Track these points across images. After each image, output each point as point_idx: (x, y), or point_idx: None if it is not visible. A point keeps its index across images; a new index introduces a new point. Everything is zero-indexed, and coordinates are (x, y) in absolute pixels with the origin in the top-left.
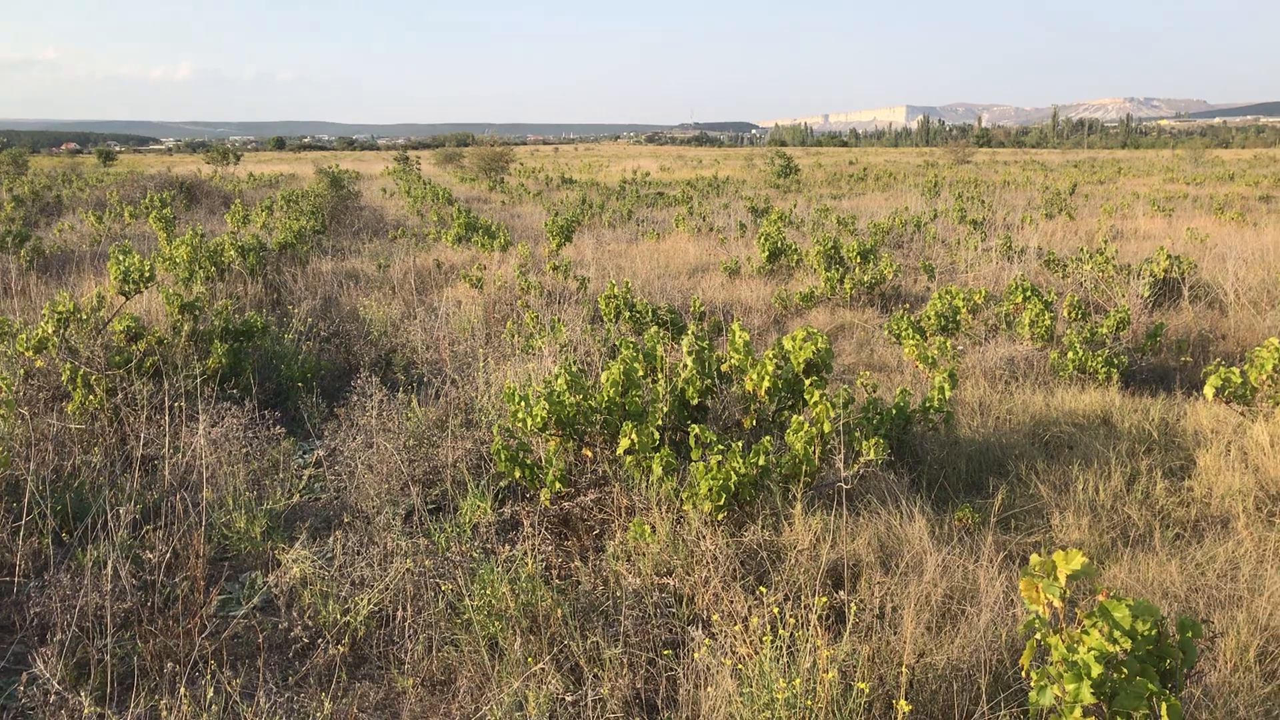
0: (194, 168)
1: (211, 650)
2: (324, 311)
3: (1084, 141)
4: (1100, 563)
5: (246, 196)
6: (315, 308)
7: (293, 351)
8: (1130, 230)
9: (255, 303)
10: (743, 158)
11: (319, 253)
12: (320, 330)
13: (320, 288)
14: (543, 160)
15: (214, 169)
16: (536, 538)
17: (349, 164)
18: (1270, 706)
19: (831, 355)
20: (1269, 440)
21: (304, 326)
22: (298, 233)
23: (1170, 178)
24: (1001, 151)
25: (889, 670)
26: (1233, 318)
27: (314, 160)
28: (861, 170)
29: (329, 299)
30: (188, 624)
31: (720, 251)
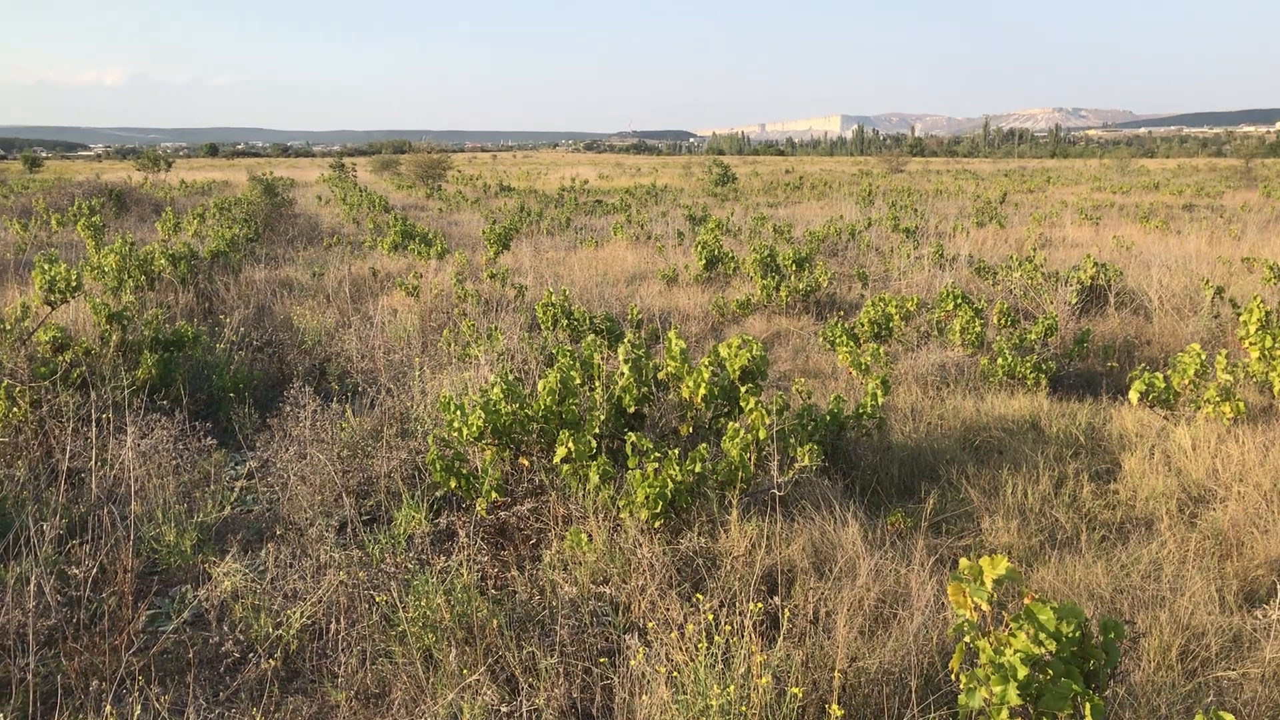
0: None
1: (140, 667)
2: (257, 321)
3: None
4: (1029, 565)
5: (178, 204)
6: (248, 317)
7: (225, 361)
8: (1059, 238)
9: (186, 312)
10: (681, 166)
11: (252, 261)
12: (253, 340)
13: (253, 296)
14: (481, 167)
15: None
16: (472, 548)
17: (284, 171)
18: (1191, 704)
19: (766, 362)
20: (1191, 443)
21: (236, 336)
22: (230, 241)
23: (1098, 186)
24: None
25: (822, 675)
26: (1157, 324)
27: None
28: (798, 179)
29: (262, 308)
30: (115, 640)
31: (658, 259)
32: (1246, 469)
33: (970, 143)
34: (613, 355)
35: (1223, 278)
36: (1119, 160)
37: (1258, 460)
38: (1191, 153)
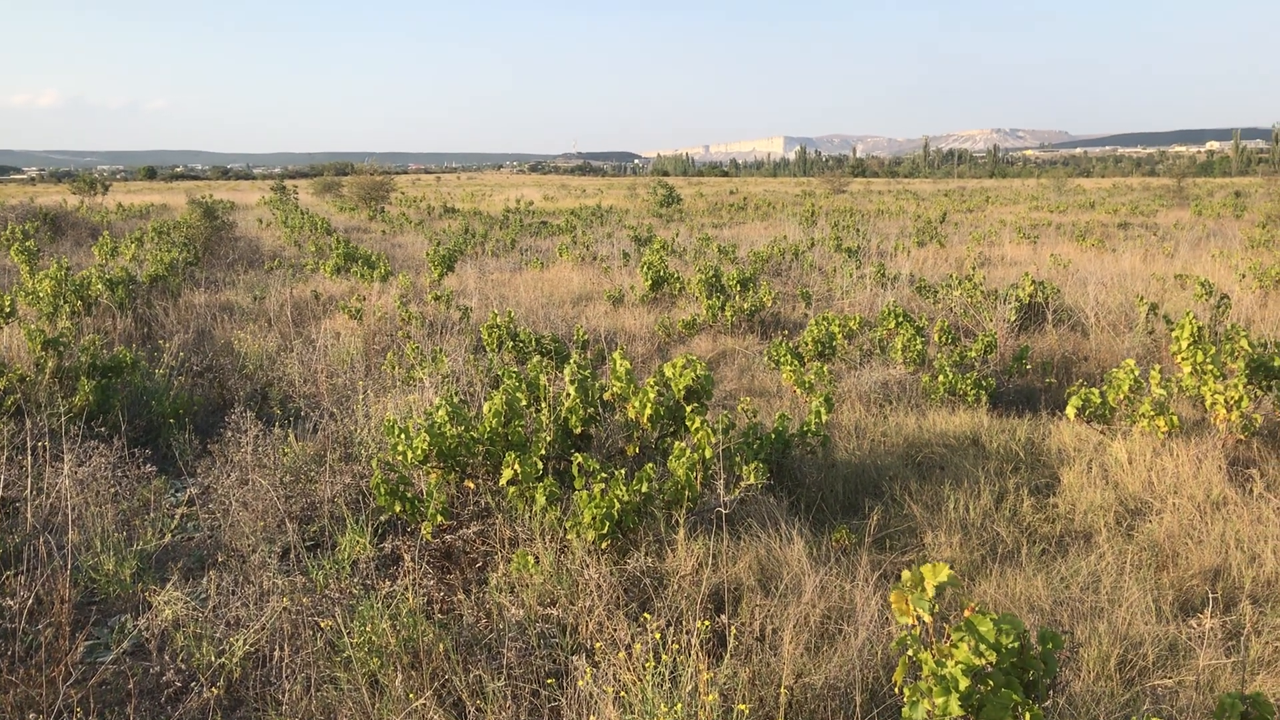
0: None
1: (78, 699)
2: (197, 345)
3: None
4: (971, 579)
5: (115, 228)
6: (188, 342)
7: (164, 387)
8: (998, 257)
9: (125, 337)
10: (626, 187)
11: (192, 285)
12: (193, 365)
13: (193, 321)
14: (425, 189)
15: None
16: (418, 572)
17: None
18: (1129, 712)
19: (711, 382)
20: (1127, 457)
21: (176, 361)
22: (169, 265)
23: (1035, 206)
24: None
25: (769, 691)
26: (1094, 340)
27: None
28: (742, 200)
29: (202, 332)
30: (51, 672)
31: (604, 280)
32: (1181, 481)
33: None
34: (559, 376)
35: (1157, 294)
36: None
37: (1191, 473)
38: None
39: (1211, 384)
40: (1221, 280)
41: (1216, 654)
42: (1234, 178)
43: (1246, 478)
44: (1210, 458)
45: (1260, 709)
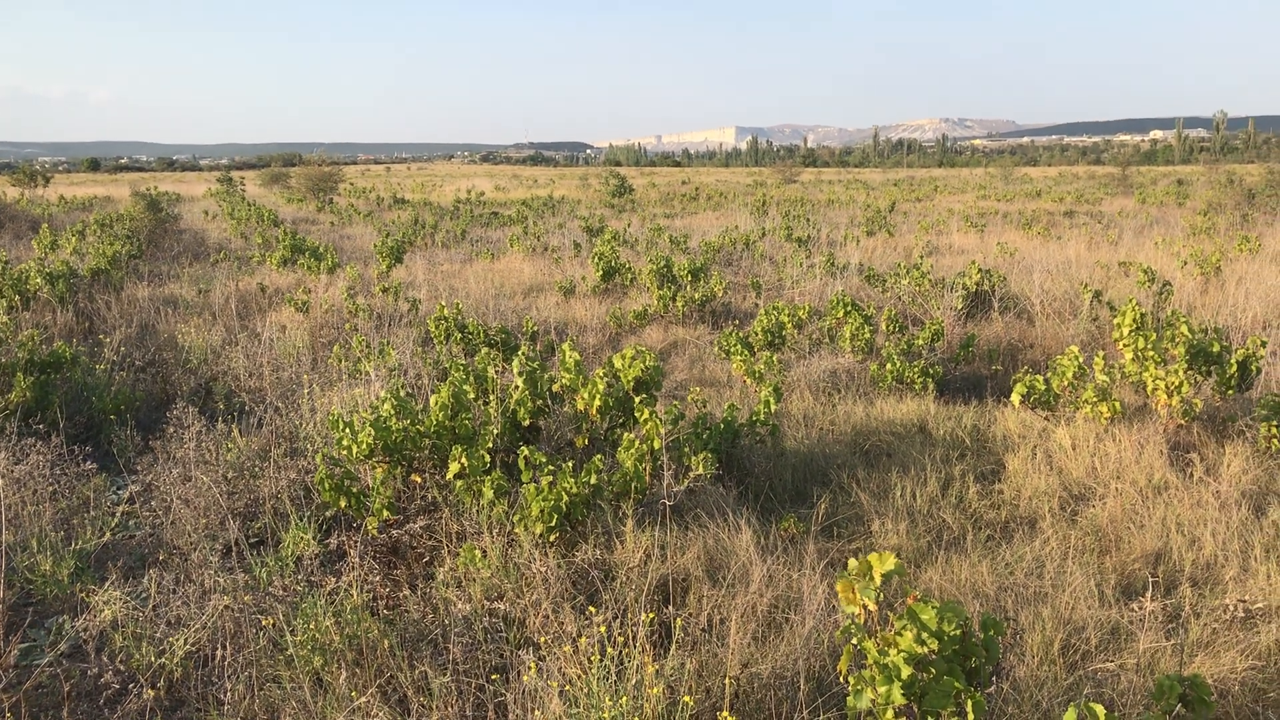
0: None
1: (10, 703)
2: (140, 340)
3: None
4: (917, 566)
5: (56, 220)
6: (130, 336)
7: (105, 383)
8: (946, 245)
9: (65, 332)
10: (578, 177)
11: (135, 279)
12: (135, 360)
13: (136, 315)
14: (374, 180)
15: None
16: (363, 568)
17: (169, 185)
18: (1072, 695)
19: (660, 373)
20: (1071, 443)
21: (117, 356)
22: (112, 258)
23: (983, 195)
24: (826, 171)
25: (716, 682)
26: (1039, 327)
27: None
28: (694, 190)
29: (146, 327)
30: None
31: (555, 271)
32: (1123, 466)
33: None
34: (507, 369)
35: (1101, 282)
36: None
37: (1133, 458)
38: (1072, 161)
39: (1153, 370)
40: (1164, 267)
41: (1157, 637)
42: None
43: (1187, 462)
44: (1152, 443)
45: (1197, 690)
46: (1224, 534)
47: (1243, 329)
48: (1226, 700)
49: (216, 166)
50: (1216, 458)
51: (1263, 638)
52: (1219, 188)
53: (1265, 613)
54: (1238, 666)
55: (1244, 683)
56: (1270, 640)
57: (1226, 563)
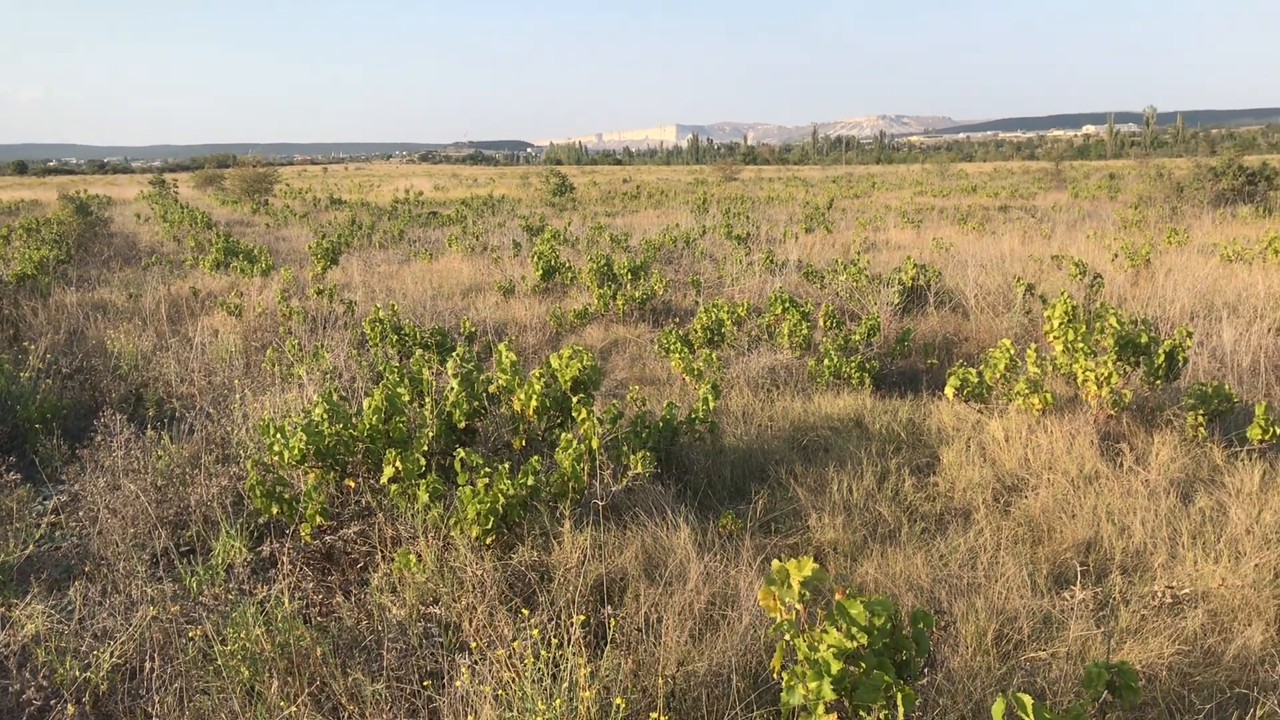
0: None
1: None
2: (68, 346)
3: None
4: (853, 560)
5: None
6: (58, 343)
7: (30, 391)
8: (883, 241)
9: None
10: (518, 176)
11: (63, 284)
12: (62, 367)
13: (64, 321)
14: (311, 180)
15: None
16: (295, 575)
17: (100, 189)
18: (1005, 685)
19: (598, 372)
20: (1004, 435)
21: (44, 363)
22: (38, 263)
23: (920, 191)
24: (766, 168)
25: (652, 681)
26: (974, 321)
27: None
28: (635, 188)
29: (74, 333)
30: None
31: (495, 271)
32: (1055, 457)
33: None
34: (443, 370)
35: (1034, 275)
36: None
37: (1065, 448)
38: (1007, 156)
39: (1083, 361)
40: (1096, 260)
41: (1087, 625)
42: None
43: (1117, 452)
44: (1083, 433)
45: (1125, 677)
46: (1153, 522)
47: (1171, 320)
48: (1154, 685)
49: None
50: (1145, 447)
51: (1189, 623)
52: (1149, 182)
53: (1192, 598)
54: (1165, 652)
55: (1171, 667)
56: (1197, 625)
57: (1155, 550)
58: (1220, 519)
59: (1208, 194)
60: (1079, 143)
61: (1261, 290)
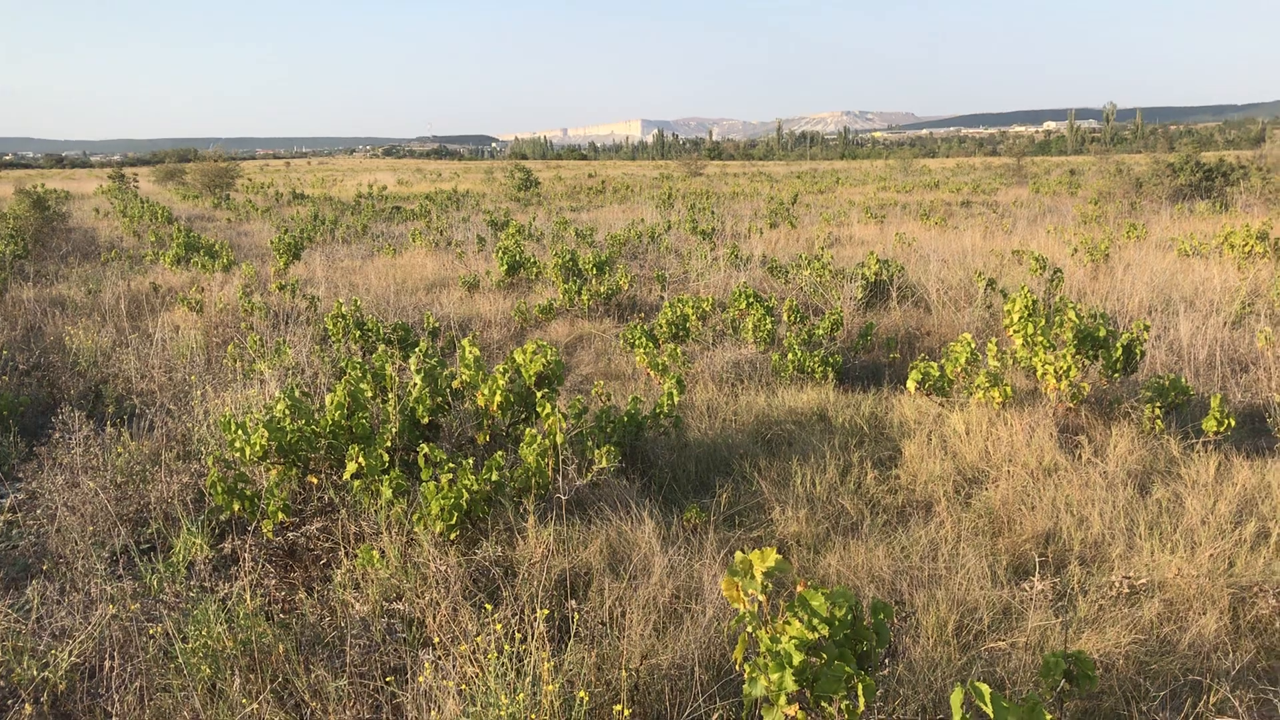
0: None
1: None
2: (25, 342)
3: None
4: (816, 552)
5: None
6: (14, 339)
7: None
8: (846, 236)
9: None
10: (483, 171)
11: (20, 280)
12: (19, 363)
13: (21, 317)
14: (273, 175)
15: None
16: (258, 571)
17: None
18: (965, 675)
19: (562, 367)
20: (964, 428)
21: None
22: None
23: (883, 186)
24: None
25: (616, 674)
26: (936, 315)
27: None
28: (600, 183)
29: (31, 329)
30: None
31: (459, 266)
32: (1015, 450)
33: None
34: (406, 366)
35: (995, 270)
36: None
37: (1024, 441)
38: (969, 152)
39: (1042, 355)
40: (1056, 255)
41: (1046, 615)
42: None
43: (1075, 444)
44: (1042, 426)
45: (1081, 666)
46: (1110, 513)
47: (1129, 314)
48: (1111, 673)
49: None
50: (1104, 439)
51: (1146, 612)
52: (1109, 177)
53: (1148, 588)
54: (1122, 641)
55: (1128, 656)
56: (1153, 614)
57: (1113, 541)
58: (1176, 510)
59: (1166, 190)
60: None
61: (1217, 284)
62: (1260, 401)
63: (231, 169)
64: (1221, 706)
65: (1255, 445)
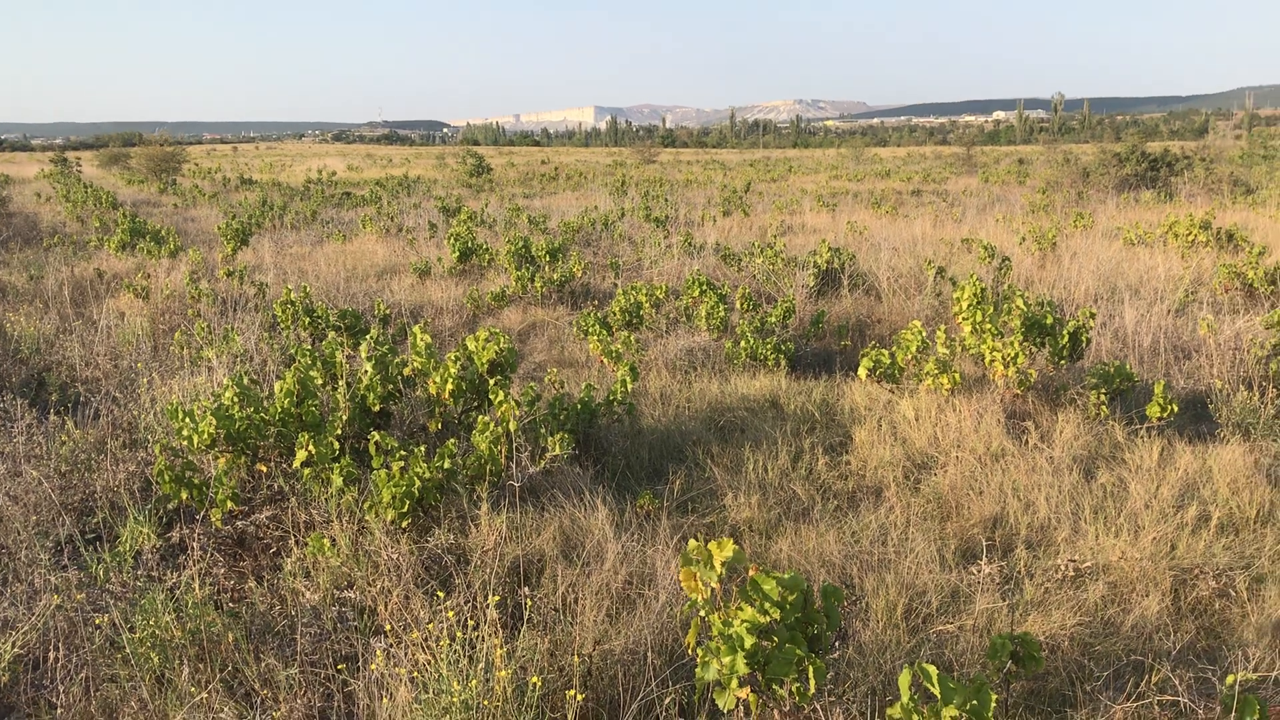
0: None
1: None
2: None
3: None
4: (768, 537)
5: None
6: None
7: None
8: (799, 224)
9: None
10: (435, 156)
11: None
12: None
13: None
14: (221, 160)
15: None
16: (206, 560)
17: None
18: (914, 657)
19: (515, 354)
20: (914, 414)
21: None
22: None
23: (835, 175)
24: (685, 151)
25: (568, 660)
26: (886, 303)
27: None
28: (553, 170)
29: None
30: None
31: (410, 252)
32: (963, 435)
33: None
34: (356, 354)
35: (945, 258)
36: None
37: (973, 427)
38: (920, 141)
39: (990, 342)
40: (1004, 243)
41: (993, 598)
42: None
43: (1022, 430)
44: (990, 412)
45: (1027, 647)
46: (1056, 498)
47: (1076, 301)
48: (1057, 655)
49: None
50: (1050, 425)
51: (1090, 595)
52: (1057, 167)
53: (1093, 571)
54: (1067, 623)
55: (1073, 638)
56: (1097, 597)
57: (1058, 525)
58: (1121, 494)
59: (1112, 179)
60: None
61: (1162, 273)
62: (1203, 388)
63: (178, 153)
64: (1163, 686)
65: (1197, 430)
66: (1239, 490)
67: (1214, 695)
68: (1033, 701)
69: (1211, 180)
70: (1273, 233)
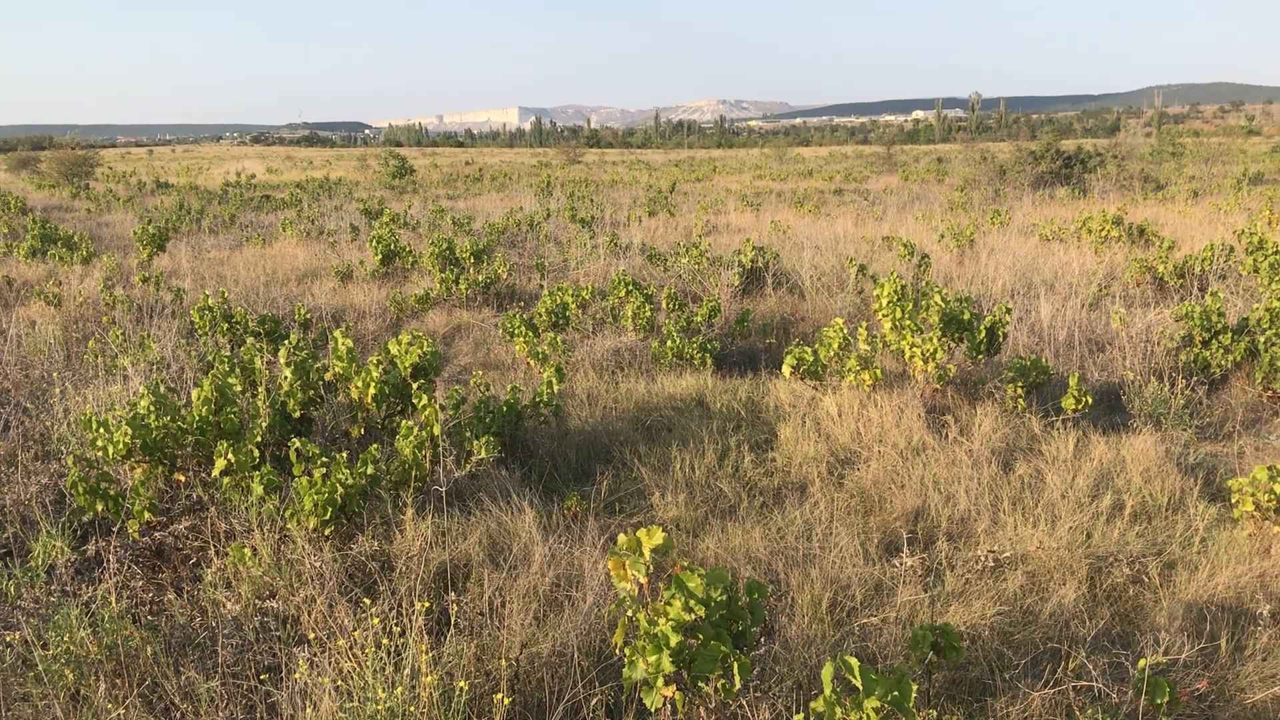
0: None
1: None
2: None
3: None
4: (695, 535)
5: None
6: None
7: None
8: (724, 224)
9: None
10: (356, 158)
11: None
12: None
13: None
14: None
15: None
16: (123, 573)
17: None
18: (839, 650)
19: (439, 358)
20: (837, 410)
21: None
22: None
23: (759, 175)
24: (610, 152)
25: (495, 664)
26: (810, 301)
27: None
28: (478, 171)
29: None
30: None
31: (332, 255)
32: (885, 430)
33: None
34: (276, 359)
35: (866, 256)
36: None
37: (894, 422)
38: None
39: (910, 338)
40: (924, 241)
41: (916, 590)
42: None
43: (943, 424)
44: (911, 407)
45: (948, 638)
46: (976, 490)
47: (993, 297)
48: (978, 644)
49: None
50: (969, 419)
51: (1009, 584)
52: (974, 165)
53: (1012, 561)
54: (987, 613)
55: (993, 627)
56: (1016, 586)
57: (978, 516)
58: (1038, 485)
59: (1028, 177)
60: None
61: (1076, 268)
62: (1116, 380)
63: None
64: (1079, 672)
65: (1111, 422)
66: (1151, 479)
67: (1127, 679)
68: (954, 691)
69: (1123, 177)
70: (1181, 228)
